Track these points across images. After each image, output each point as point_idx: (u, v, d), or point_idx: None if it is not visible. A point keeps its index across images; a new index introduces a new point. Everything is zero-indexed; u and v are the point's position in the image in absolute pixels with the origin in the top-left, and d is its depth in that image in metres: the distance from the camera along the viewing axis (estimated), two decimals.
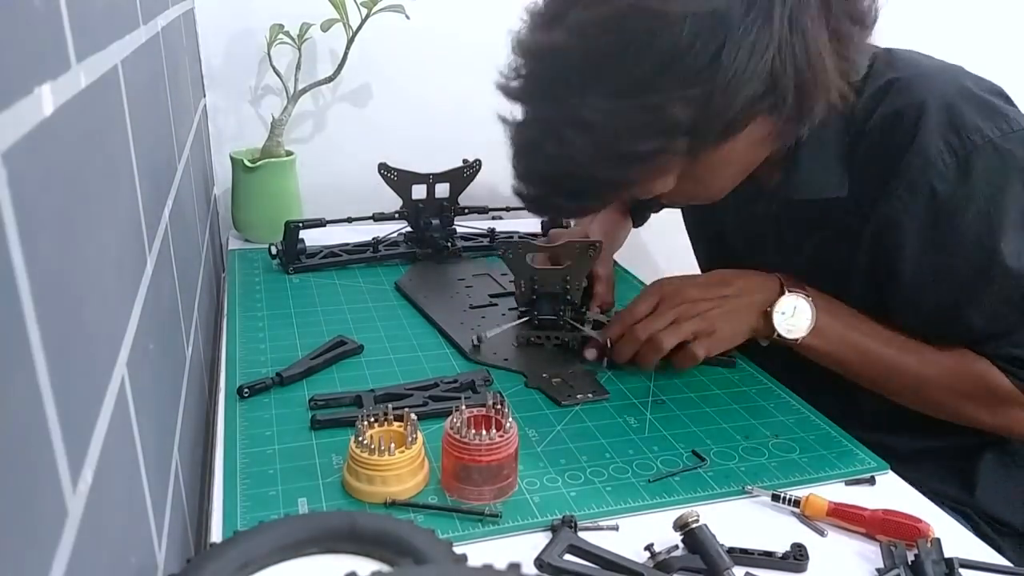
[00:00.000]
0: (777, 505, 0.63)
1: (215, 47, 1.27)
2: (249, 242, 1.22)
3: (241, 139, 1.31)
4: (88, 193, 0.38)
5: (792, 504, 0.63)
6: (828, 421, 0.77)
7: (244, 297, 1.01)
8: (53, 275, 0.30)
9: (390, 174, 1.13)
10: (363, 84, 1.36)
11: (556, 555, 0.54)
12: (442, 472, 0.64)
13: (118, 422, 0.39)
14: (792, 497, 0.63)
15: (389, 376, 0.82)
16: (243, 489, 0.63)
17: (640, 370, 0.83)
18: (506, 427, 0.63)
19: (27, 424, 0.26)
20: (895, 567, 0.56)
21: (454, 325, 0.94)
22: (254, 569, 0.45)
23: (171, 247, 0.69)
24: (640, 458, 0.70)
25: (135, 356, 0.46)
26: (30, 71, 0.30)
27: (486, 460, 0.61)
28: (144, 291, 0.52)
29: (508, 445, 0.62)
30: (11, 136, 0.27)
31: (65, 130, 0.34)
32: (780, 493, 0.64)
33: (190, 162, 0.94)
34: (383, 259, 1.15)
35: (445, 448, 0.63)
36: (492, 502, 0.62)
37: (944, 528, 0.62)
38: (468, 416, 0.63)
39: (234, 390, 0.77)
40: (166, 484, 0.54)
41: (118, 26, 0.51)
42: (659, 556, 0.56)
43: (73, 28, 0.37)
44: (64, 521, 0.29)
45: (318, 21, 1.18)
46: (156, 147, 0.66)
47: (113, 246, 0.43)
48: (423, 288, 1.05)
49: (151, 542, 0.47)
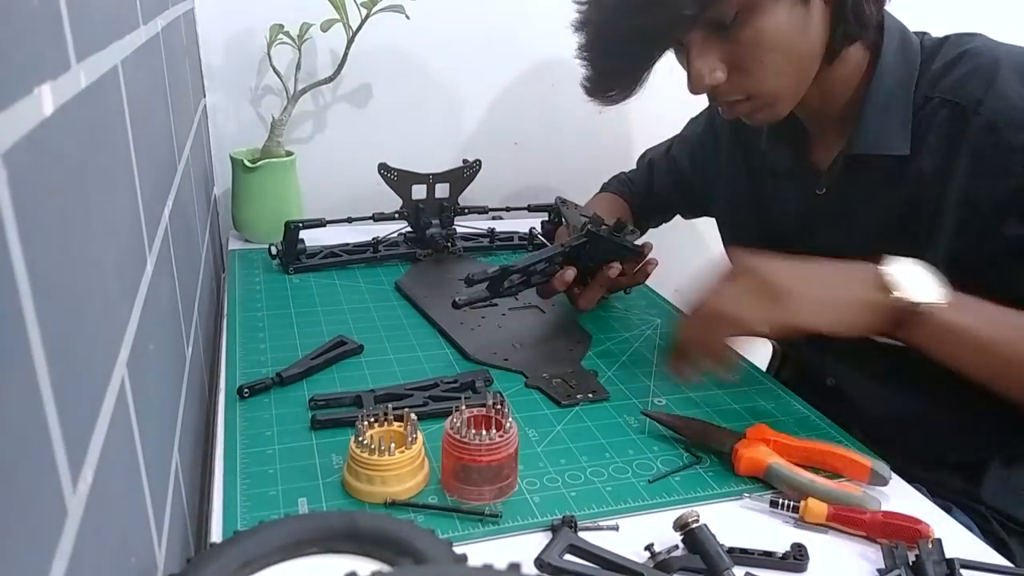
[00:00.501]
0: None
1: (215, 47, 1.27)
2: (249, 242, 1.22)
3: (241, 139, 1.31)
4: (88, 193, 0.38)
5: (791, 510, 0.62)
6: (829, 421, 0.77)
7: (244, 297, 1.01)
8: (53, 275, 0.30)
9: (390, 174, 1.13)
10: (363, 84, 1.36)
11: (556, 555, 0.54)
12: (442, 472, 0.64)
13: (118, 422, 0.39)
14: (790, 504, 0.62)
15: (389, 376, 0.82)
16: (243, 489, 0.63)
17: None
18: (506, 427, 0.63)
19: (27, 424, 0.26)
20: (896, 568, 0.56)
21: (454, 325, 0.94)
22: (254, 569, 0.44)
23: (171, 247, 0.69)
24: (640, 458, 0.69)
25: (135, 356, 0.46)
26: (30, 71, 0.30)
27: (486, 460, 0.61)
28: (144, 291, 0.52)
29: (508, 445, 0.62)
30: (11, 136, 0.27)
31: (65, 130, 0.34)
32: (778, 499, 0.63)
33: (190, 162, 0.94)
34: (383, 259, 1.15)
35: (445, 448, 0.63)
36: (492, 502, 0.62)
37: (948, 529, 0.62)
38: (468, 416, 0.63)
39: (234, 390, 0.77)
40: (166, 484, 0.54)
41: (118, 26, 0.51)
42: (659, 556, 0.56)
43: (73, 28, 0.37)
44: (64, 521, 0.29)
45: (318, 21, 1.17)
46: (156, 147, 0.66)
47: (113, 246, 0.43)
48: (423, 288, 1.05)
49: (151, 542, 0.47)
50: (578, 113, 1.50)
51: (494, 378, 0.81)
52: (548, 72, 1.43)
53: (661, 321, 0.99)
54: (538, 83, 1.44)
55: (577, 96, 0.89)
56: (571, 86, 0.86)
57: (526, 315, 0.99)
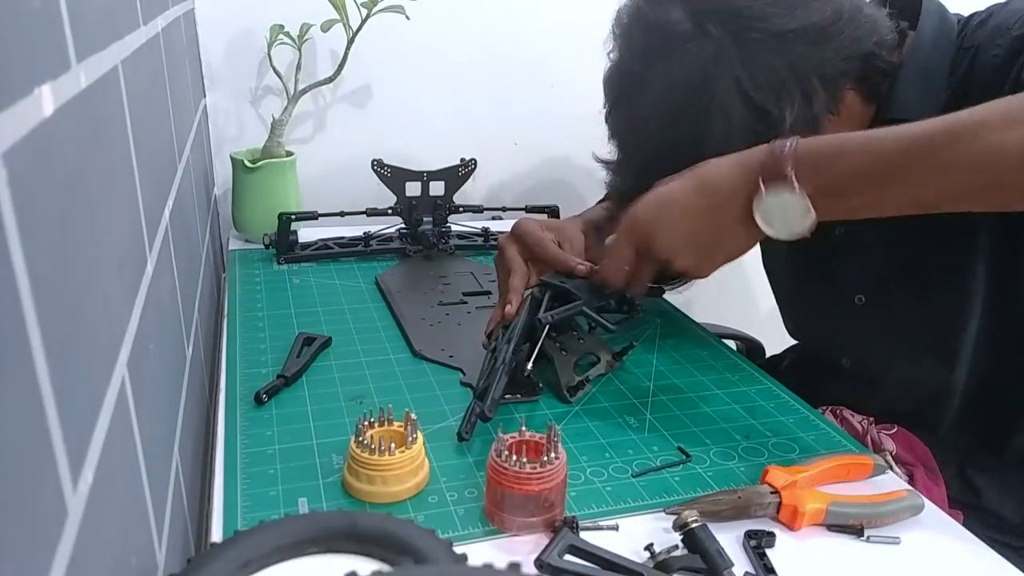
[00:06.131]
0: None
1: (215, 47, 1.27)
2: (249, 242, 1.22)
3: (241, 139, 1.31)
4: (88, 193, 0.38)
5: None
6: (828, 421, 0.77)
7: (244, 297, 1.01)
8: (53, 275, 0.30)
9: (383, 170, 1.14)
10: (363, 84, 1.36)
11: (556, 555, 0.54)
12: (484, 498, 0.61)
13: (118, 422, 0.39)
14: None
15: (385, 365, 0.82)
16: (243, 489, 0.63)
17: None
18: (550, 457, 0.59)
19: (27, 424, 0.26)
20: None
21: (414, 320, 0.95)
22: (254, 569, 0.44)
23: (171, 247, 0.69)
24: (640, 458, 0.69)
25: (135, 356, 0.46)
26: (30, 71, 0.30)
27: (522, 489, 0.58)
28: (144, 291, 0.52)
29: (553, 476, 0.58)
30: (11, 136, 0.27)
31: (65, 130, 0.34)
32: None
33: (190, 162, 0.94)
34: (375, 254, 1.16)
35: (488, 474, 0.60)
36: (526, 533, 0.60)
37: (946, 529, 0.62)
38: (511, 442, 0.60)
39: (234, 390, 0.77)
40: (166, 484, 0.54)
41: (118, 26, 0.51)
42: (659, 556, 0.56)
43: (73, 28, 0.37)
44: (64, 521, 0.29)
45: (318, 21, 1.18)
46: (156, 147, 0.66)
47: (113, 246, 0.43)
48: (400, 284, 1.06)
49: (151, 542, 0.47)
50: (578, 113, 1.51)
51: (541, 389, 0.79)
52: (548, 72, 1.43)
53: (661, 321, 0.99)
54: (538, 83, 1.44)
55: (577, 96, 0.89)
56: (571, 86, 0.87)
57: (491, 314, 0.98)
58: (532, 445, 0.61)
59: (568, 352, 0.80)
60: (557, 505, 0.59)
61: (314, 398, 0.77)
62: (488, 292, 1.04)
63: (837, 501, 0.61)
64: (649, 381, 0.83)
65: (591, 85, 0.86)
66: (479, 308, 1.00)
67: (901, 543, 0.60)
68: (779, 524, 0.62)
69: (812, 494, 0.61)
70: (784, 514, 0.61)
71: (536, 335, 0.78)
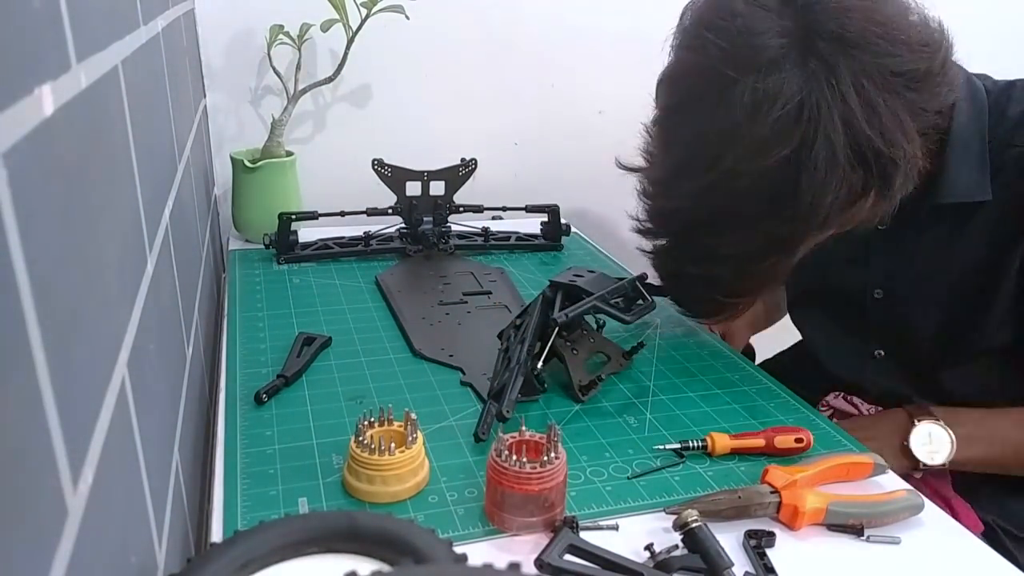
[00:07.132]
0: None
1: (215, 47, 1.27)
2: (249, 242, 1.22)
3: (241, 139, 1.31)
4: (88, 193, 0.38)
5: (700, 449, 0.70)
6: (827, 420, 0.78)
7: (244, 297, 1.01)
8: (53, 275, 0.30)
9: (384, 170, 1.14)
10: (363, 84, 1.36)
11: (556, 555, 0.54)
12: (484, 498, 0.62)
13: (118, 422, 0.39)
14: (698, 444, 0.70)
15: (385, 365, 0.82)
16: (243, 489, 0.63)
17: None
18: (550, 457, 0.59)
19: (27, 424, 0.26)
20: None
21: (414, 319, 0.95)
22: (254, 569, 0.44)
23: (171, 247, 0.69)
24: (640, 458, 0.69)
25: (135, 356, 0.46)
26: (30, 71, 0.30)
27: (522, 489, 0.58)
28: (144, 291, 0.52)
29: (552, 476, 0.58)
30: (11, 136, 0.27)
31: (65, 130, 0.34)
32: (688, 443, 0.70)
33: (190, 162, 0.94)
34: (375, 254, 1.16)
35: (488, 474, 0.60)
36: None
37: (946, 529, 0.62)
38: (511, 442, 0.60)
39: (234, 390, 0.77)
40: (166, 484, 0.54)
41: (118, 26, 0.51)
42: (659, 556, 0.56)
43: (73, 28, 0.37)
44: (64, 521, 0.29)
45: (318, 21, 1.17)
46: (156, 147, 0.66)
47: (113, 246, 0.43)
48: (400, 283, 1.06)
49: (151, 542, 0.47)
50: (578, 113, 1.51)
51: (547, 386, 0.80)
52: (548, 72, 1.43)
53: (661, 321, 0.99)
54: (538, 83, 1.44)
55: (577, 96, 0.88)
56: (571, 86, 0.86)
57: (491, 313, 0.99)
58: (532, 445, 0.61)
59: (579, 351, 0.80)
60: (557, 505, 0.59)
61: (314, 398, 0.77)
62: (488, 292, 1.05)
63: (837, 501, 0.61)
64: (649, 381, 0.83)
65: (591, 85, 0.86)
66: (479, 308, 1.00)
67: (901, 543, 0.60)
68: (779, 524, 0.62)
69: (812, 494, 0.62)
70: (784, 514, 0.61)
71: (547, 335, 0.78)
